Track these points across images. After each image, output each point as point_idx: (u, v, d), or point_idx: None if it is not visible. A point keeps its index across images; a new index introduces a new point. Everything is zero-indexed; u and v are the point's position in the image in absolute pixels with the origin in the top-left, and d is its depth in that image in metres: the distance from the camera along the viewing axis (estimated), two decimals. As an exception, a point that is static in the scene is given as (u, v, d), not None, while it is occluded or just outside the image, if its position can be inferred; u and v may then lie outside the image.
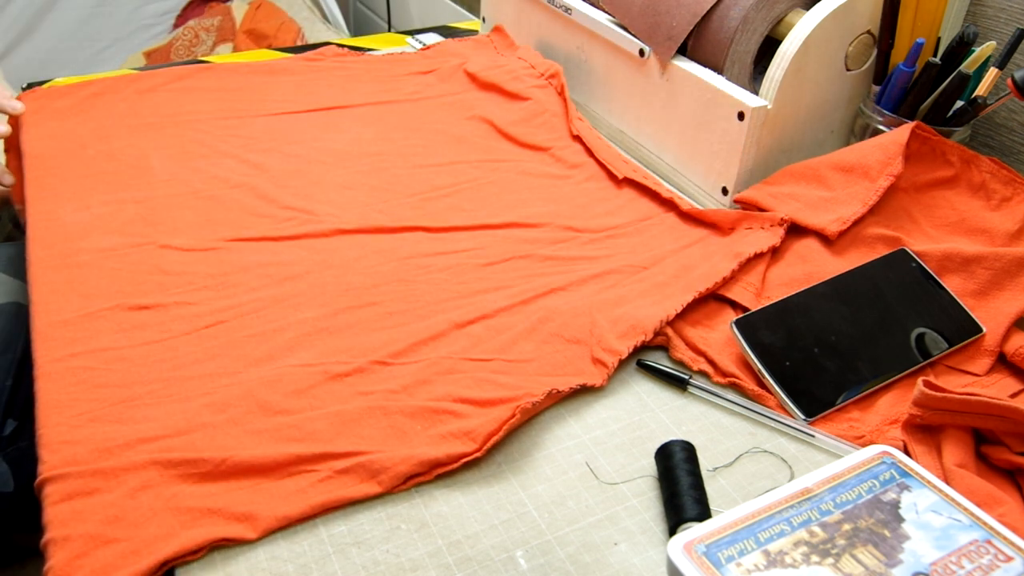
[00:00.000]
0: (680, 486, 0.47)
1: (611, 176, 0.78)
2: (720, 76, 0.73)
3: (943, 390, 0.50)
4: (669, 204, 0.74)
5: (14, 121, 0.82)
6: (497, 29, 1.03)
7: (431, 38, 1.09)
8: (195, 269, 0.63)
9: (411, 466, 0.48)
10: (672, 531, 0.46)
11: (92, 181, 0.73)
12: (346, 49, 1.01)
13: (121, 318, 0.58)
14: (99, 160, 0.76)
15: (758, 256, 0.64)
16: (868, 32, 0.71)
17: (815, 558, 0.39)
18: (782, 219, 0.67)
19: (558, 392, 0.53)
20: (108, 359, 0.55)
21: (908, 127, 0.67)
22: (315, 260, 0.65)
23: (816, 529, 0.41)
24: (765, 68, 0.70)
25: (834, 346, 0.57)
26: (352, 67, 0.98)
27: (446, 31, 1.12)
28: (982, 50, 0.67)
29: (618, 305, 0.61)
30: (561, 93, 0.89)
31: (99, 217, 0.68)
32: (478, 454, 0.49)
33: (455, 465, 0.49)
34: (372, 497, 0.48)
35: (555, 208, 0.74)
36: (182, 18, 2.05)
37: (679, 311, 0.60)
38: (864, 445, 0.52)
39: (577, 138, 0.84)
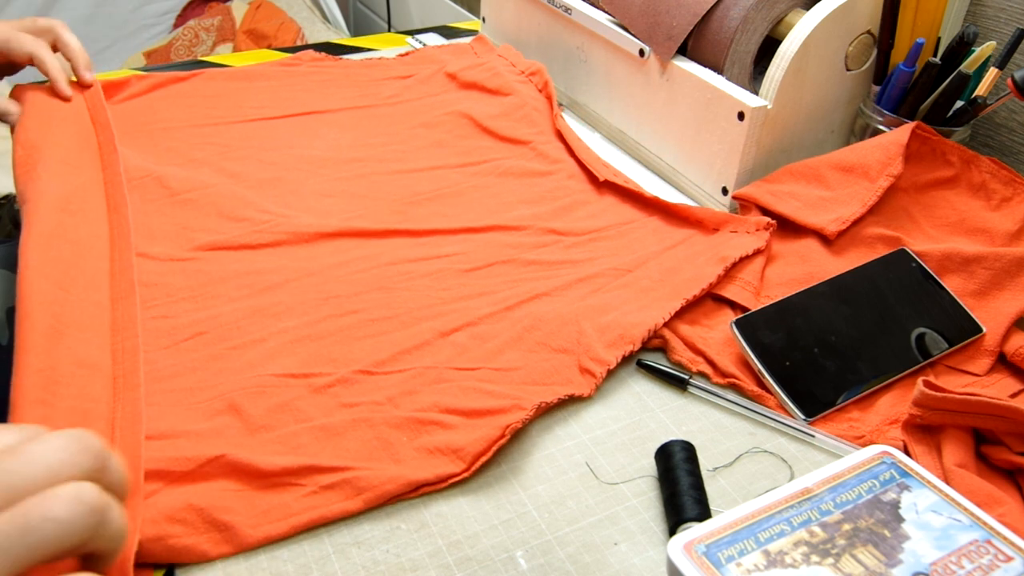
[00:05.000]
0: (680, 486, 0.47)
1: (592, 178, 0.77)
2: (720, 76, 0.73)
3: (943, 390, 0.50)
4: (652, 206, 0.73)
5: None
6: (479, 38, 1.03)
7: (431, 38, 1.09)
8: (172, 280, 0.62)
9: (398, 486, 0.47)
10: (672, 531, 0.46)
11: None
12: (323, 54, 1.00)
13: None
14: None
15: (746, 259, 0.64)
16: (868, 32, 0.71)
17: (815, 558, 0.39)
18: (768, 223, 0.67)
19: (547, 404, 0.53)
20: None
21: (908, 127, 0.67)
22: (295, 268, 0.64)
23: (816, 529, 0.41)
24: (765, 68, 0.70)
25: (834, 346, 0.57)
26: (330, 72, 0.96)
27: (446, 31, 1.12)
28: (982, 50, 0.67)
29: (604, 312, 0.60)
30: (543, 90, 0.89)
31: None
32: (466, 475, 0.49)
33: (442, 485, 0.48)
34: (354, 514, 0.47)
35: (537, 210, 0.73)
36: (182, 18, 2.05)
37: (667, 319, 0.59)
38: (864, 445, 0.52)
39: (559, 134, 0.83)
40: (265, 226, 0.68)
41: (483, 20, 1.08)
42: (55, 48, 0.79)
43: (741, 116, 0.70)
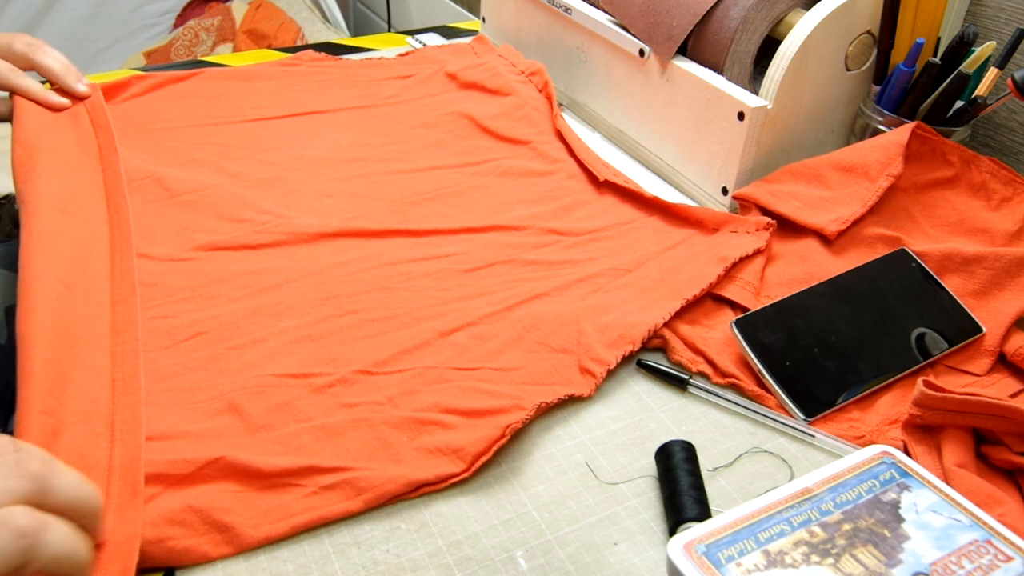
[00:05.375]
0: (680, 486, 0.47)
1: (592, 178, 0.77)
2: (720, 76, 0.73)
3: (943, 390, 0.50)
4: (652, 206, 0.73)
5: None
6: (479, 38, 1.03)
7: (431, 38, 1.09)
8: (172, 281, 0.62)
9: (398, 486, 0.47)
10: (672, 531, 0.46)
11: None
12: (323, 54, 1.00)
13: None
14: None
15: (746, 259, 0.64)
16: (868, 32, 0.71)
17: (815, 558, 0.39)
18: (768, 223, 0.67)
19: (547, 404, 0.53)
20: None
21: (908, 127, 0.67)
22: (295, 268, 0.64)
23: (816, 529, 0.41)
24: (765, 68, 0.70)
25: (834, 346, 0.57)
26: (329, 72, 0.96)
27: (446, 31, 1.13)
28: (982, 50, 0.67)
29: (604, 312, 0.60)
30: (543, 90, 0.89)
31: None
32: (466, 475, 0.49)
33: (442, 485, 0.48)
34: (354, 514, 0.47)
35: (537, 210, 0.73)
36: (182, 18, 2.05)
37: (667, 319, 0.59)
38: (864, 445, 0.52)
39: (559, 134, 0.83)
40: (265, 226, 0.68)
41: (483, 20, 1.08)
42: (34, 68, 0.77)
43: (741, 116, 0.70)
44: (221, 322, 0.59)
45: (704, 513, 0.46)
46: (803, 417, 0.54)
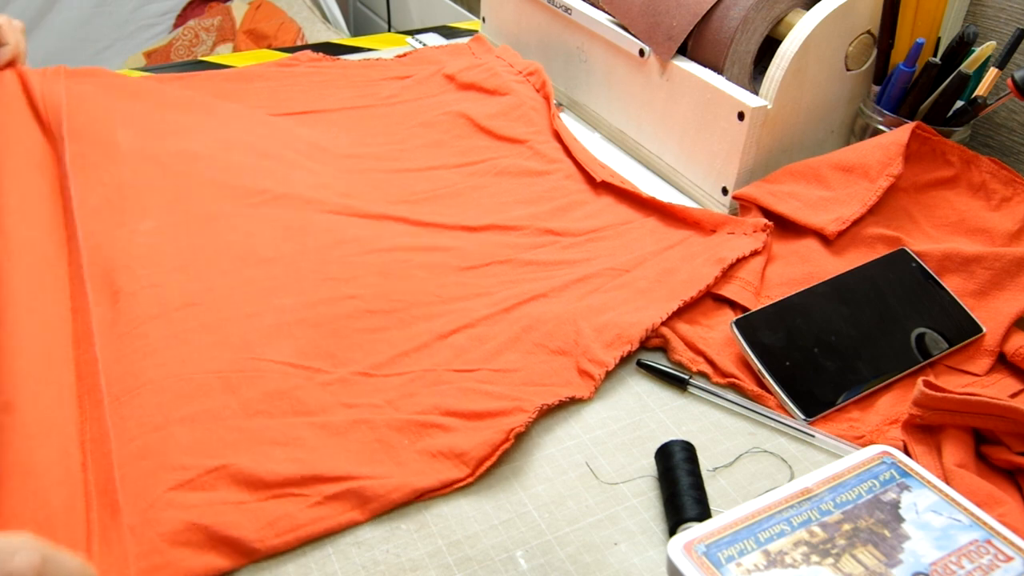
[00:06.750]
0: (680, 486, 0.47)
1: (589, 178, 0.77)
2: (720, 76, 0.73)
3: (943, 390, 0.50)
4: (649, 206, 0.73)
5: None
6: (477, 38, 1.03)
7: (431, 38, 1.09)
8: (163, 250, 0.61)
9: (403, 494, 0.47)
10: (672, 531, 0.46)
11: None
12: (321, 54, 1.00)
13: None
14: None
15: (744, 259, 0.64)
16: (868, 32, 0.71)
17: (815, 558, 0.39)
18: (765, 224, 0.67)
19: (547, 407, 0.53)
20: None
21: (908, 127, 0.67)
22: (290, 244, 0.64)
23: (816, 529, 0.41)
24: (765, 68, 0.70)
25: (834, 346, 0.57)
26: (327, 72, 0.96)
27: (446, 31, 1.12)
28: (982, 50, 0.67)
29: (602, 312, 0.60)
30: (541, 89, 0.89)
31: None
32: (470, 479, 0.49)
33: (446, 491, 0.48)
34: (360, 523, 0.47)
35: (534, 210, 0.73)
36: (182, 18, 2.05)
37: (664, 319, 0.59)
38: (864, 445, 0.52)
39: (556, 134, 0.83)
40: (260, 200, 0.68)
41: (483, 20, 1.08)
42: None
43: (741, 116, 0.70)
44: (215, 295, 0.58)
45: (704, 513, 0.46)
46: (803, 417, 0.54)
